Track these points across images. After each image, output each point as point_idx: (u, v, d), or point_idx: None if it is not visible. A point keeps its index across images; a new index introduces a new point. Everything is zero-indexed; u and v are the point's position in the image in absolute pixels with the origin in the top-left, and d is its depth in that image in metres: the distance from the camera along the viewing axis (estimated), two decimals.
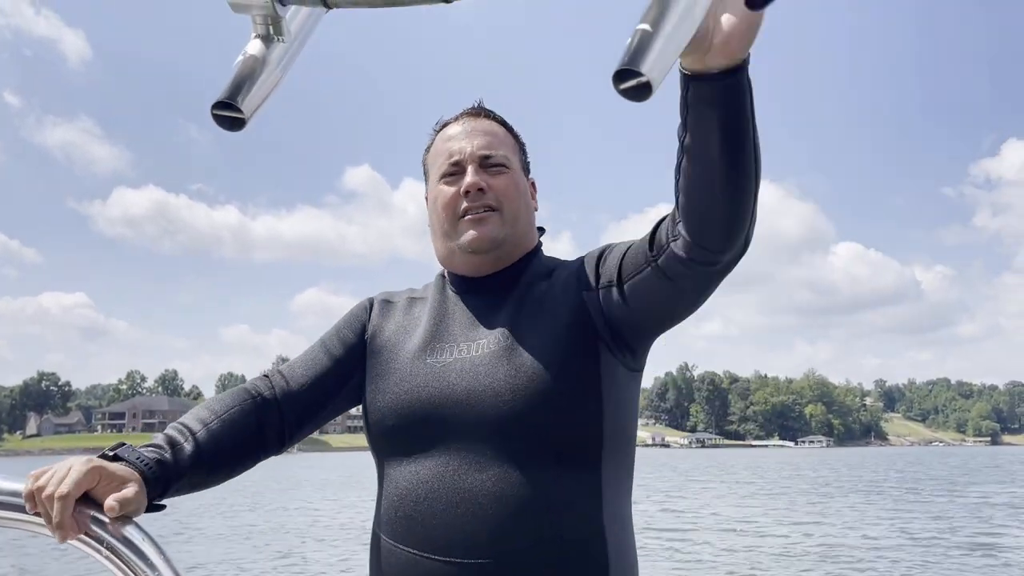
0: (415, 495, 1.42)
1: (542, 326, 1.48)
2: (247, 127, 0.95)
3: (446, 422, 1.44)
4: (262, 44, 0.94)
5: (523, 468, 1.39)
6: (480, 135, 1.58)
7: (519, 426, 1.40)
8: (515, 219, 1.56)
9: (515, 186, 1.57)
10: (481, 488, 1.38)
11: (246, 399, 1.52)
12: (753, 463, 75.30)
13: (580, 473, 1.42)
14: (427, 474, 1.43)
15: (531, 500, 1.38)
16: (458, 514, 1.38)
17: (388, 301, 1.69)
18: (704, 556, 14.82)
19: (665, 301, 1.40)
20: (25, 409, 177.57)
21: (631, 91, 0.73)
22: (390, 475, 1.49)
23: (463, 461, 1.41)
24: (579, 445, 1.43)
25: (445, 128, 1.64)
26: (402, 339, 1.58)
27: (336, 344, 1.63)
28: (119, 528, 1.17)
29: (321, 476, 51.81)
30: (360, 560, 14.59)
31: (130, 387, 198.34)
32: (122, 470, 1.27)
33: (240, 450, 1.48)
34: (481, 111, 1.64)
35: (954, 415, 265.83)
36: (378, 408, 1.52)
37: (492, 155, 1.56)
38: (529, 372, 1.42)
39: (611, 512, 1.44)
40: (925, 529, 19.02)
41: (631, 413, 1.52)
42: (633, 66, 0.71)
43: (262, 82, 0.93)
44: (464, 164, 1.55)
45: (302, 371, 1.59)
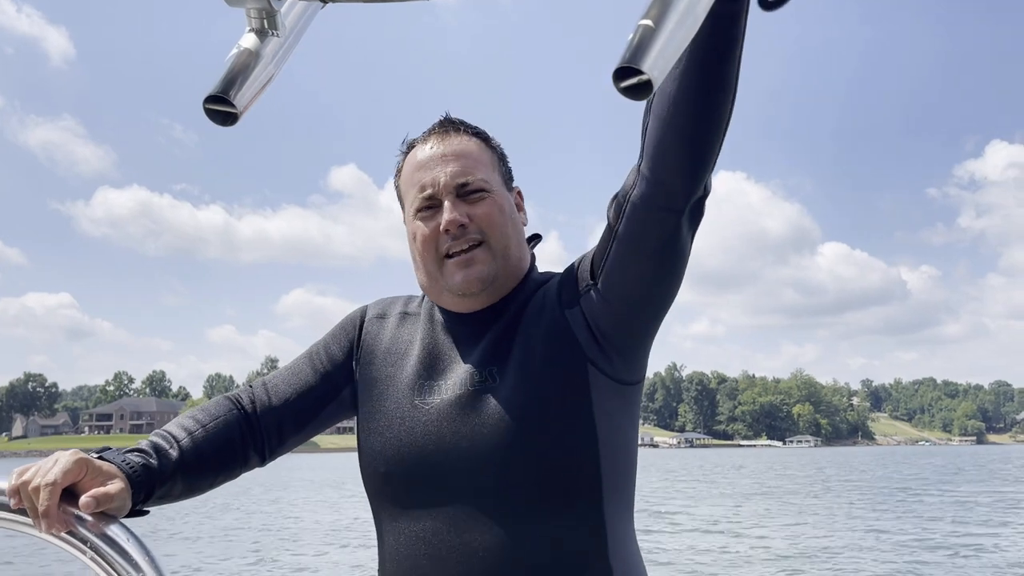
0: (415, 552, 1.39)
1: (526, 357, 1.42)
2: (239, 122, 0.93)
3: (436, 472, 1.40)
4: (256, 38, 0.93)
5: (519, 517, 1.35)
6: (452, 160, 1.47)
7: (509, 471, 1.36)
8: (505, 248, 1.47)
9: (499, 211, 1.47)
10: (479, 544, 1.35)
11: (231, 409, 1.50)
12: (743, 463, 75.58)
13: (580, 512, 1.38)
14: (424, 530, 1.39)
15: (530, 551, 1.34)
16: (459, 571, 1.35)
17: (381, 316, 1.62)
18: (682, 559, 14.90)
19: (637, 274, 1.35)
20: (11, 410, 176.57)
21: (631, 89, 0.72)
22: (389, 527, 1.45)
23: (458, 514, 1.37)
24: (576, 483, 1.37)
25: (413, 151, 1.53)
26: (393, 368, 1.53)
27: (323, 359, 1.58)
28: (104, 528, 1.16)
29: (309, 476, 51.73)
30: (337, 559, 14.67)
31: (117, 388, 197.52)
32: (108, 466, 1.25)
33: (223, 462, 1.45)
34: (449, 126, 1.52)
35: (940, 414, 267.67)
36: (369, 452, 1.49)
37: (469, 181, 1.46)
38: (513, 412, 1.38)
39: (616, 548, 1.40)
40: (903, 530, 19.09)
41: (630, 432, 1.45)
42: (634, 64, 0.70)
43: (255, 77, 0.92)
44: (439, 197, 1.46)
45: (285, 386, 1.55)
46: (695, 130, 1.20)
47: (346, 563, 14.59)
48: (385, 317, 1.61)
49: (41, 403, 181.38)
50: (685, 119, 1.19)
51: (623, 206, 1.32)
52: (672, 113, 1.19)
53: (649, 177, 1.26)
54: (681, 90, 1.17)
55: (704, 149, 1.22)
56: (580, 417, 1.38)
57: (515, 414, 1.37)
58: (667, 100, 1.19)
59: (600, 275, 1.39)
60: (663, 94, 1.20)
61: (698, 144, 1.22)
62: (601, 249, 1.39)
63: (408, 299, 1.65)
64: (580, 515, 1.37)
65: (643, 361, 1.47)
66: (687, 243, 1.34)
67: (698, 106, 1.18)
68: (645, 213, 1.29)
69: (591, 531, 1.37)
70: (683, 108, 1.18)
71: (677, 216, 1.28)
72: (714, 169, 1.27)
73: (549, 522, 1.35)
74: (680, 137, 1.21)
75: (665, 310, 1.42)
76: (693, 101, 1.18)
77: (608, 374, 1.41)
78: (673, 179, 1.25)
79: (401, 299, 1.66)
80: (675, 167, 1.24)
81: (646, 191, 1.27)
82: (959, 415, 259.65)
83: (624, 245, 1.33)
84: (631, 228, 1.32)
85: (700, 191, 1.28)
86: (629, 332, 1.41)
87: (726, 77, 1.16)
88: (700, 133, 1.20)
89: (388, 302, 1.66)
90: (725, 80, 1.17)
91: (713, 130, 1.21)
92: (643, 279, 1.36)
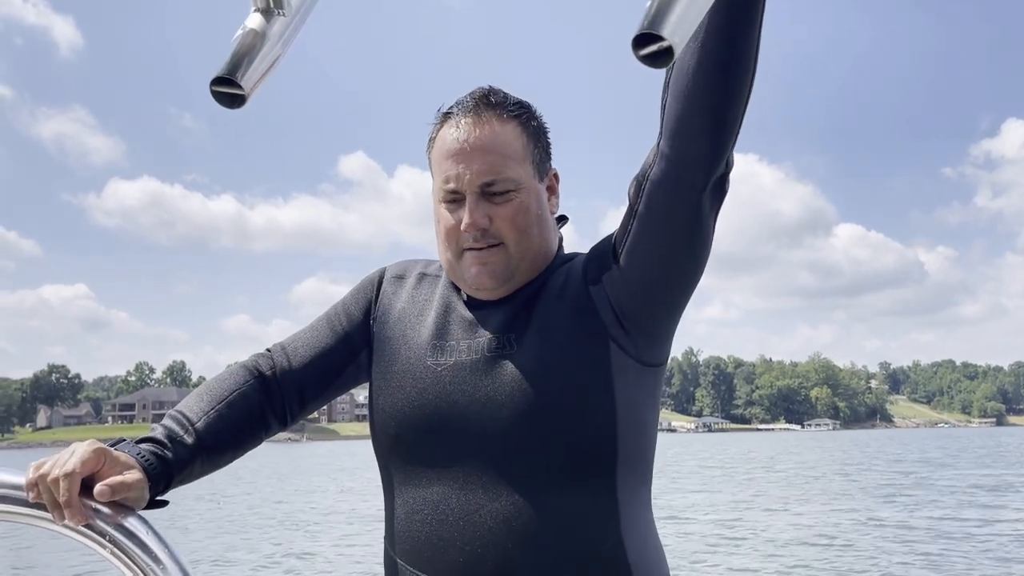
0: (422, 515, 1.37)
1: (547, 328, 1.39)
2: (247, 105, 0.91)
3: (448, 435, 1.38)
4: (262, 18, 0.91)
5: (531, 485, 1.33)
6: (480, 155, 1.39)
7: (522, 439, 1.33)
8: (525, 249, 1.43)
9: (524, 212, 1.42)
10: (488, 510, 1.32)
11: (247, 379, 1.47)
12: (758, 447, 75.69)
13: (594, 485, 1.35)
14: (433, 493, 1.37)
15: (541, 521, 1.32)
16: (466, 538, 1.32)
17: (400, 277, 1.59)
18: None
19: (658, 254, 1.32)
20: (35, 401, 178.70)
21: (651, 57, 0.69)
22: (397, 489, 1.43)
23: (468, 478, 1.35)
24: (591, 455, 1.34)
25: (445, 127, 1.45)
26: (408, 329, 1.50)
27: (342, 320, 1.55)
28: (123, 520, 1.15)
29: (335, 464, 52.22)
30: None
31: (139, 379, 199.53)
32: (126, 457, 1.24)
33: (242, 434, 1.43)
34: (485, 108, 1.42)
35: (959, 396, 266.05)
36: (381, 412, 1.46)
37: (495, 181, 1.39)
38: (531, 379, 1.35)
39: (630, 524, 1.37)
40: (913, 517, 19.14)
41: (649, 412, 1.42)
42: (654, 29, 0.66)
43: (262, 57, 0.90)
44: (462, 192, 1.40)
45: (305, 349, 1.53)
46: (716, 103, 1.17)
47: (361, 546, 14.82)
48: (403, 278, 1.58)
49: (65, 394, 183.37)
50: (705, 92, 1.16)
51: (643, 184, 1.29)
52: (691, 86, 1.16)
53: (669, 154, 1.23)
54: (701, 62, 1.14)
55: (725, 122, 1.19)
56: (599, 392, 1.35)
57: (532, 382, 1.35)
58: (686, 73, 1.16)
59: (621, 255, 1.36)
60: (682, 67, 1.16)
61: (719, 117, 1.18)
62: (622, 229, 1.36)
63: (428, 262, 1.61)
64: (593, 490, 1.34)
65: (666, 344, 1.43)
66: (710, 221, 1.30)
67: (719, 78, 1.14)
68: (665, 191, 1.26)
69: (604, 507, 1.35)
70: (703, 80, 1.15)
71: (699, 193, 1.25)
72: (735, 143, 1.23)
73: (560, 494, 1.33)
74: (700, 111, 1.17)
75: (689, 292, 1.38)
76: (713, 72, 1.14)
77: (630, 354, 1.38)
78: (694, 155, 1.21)
79: (421, 261, 1.62)
80: (695, 142, 1.20)
81: (666, 168, 1.24)
82: (978, 397, 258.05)
83: (645, 224, 1.31)
84: (652, 207, 1.29)
85: (722, 167, 1.24)
86: (651, 313, 1.38)
87: (747, 47, 1.13)
88: (721, 106, 1.17)
89: (408, 264, 1.62)
90: (746, 50, 1.13)
91: (734, 103, 1.17)
92: (664, 259, 1.32)
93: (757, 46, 1.15)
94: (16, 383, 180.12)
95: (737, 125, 1.21)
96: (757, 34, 1.13)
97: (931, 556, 13.01)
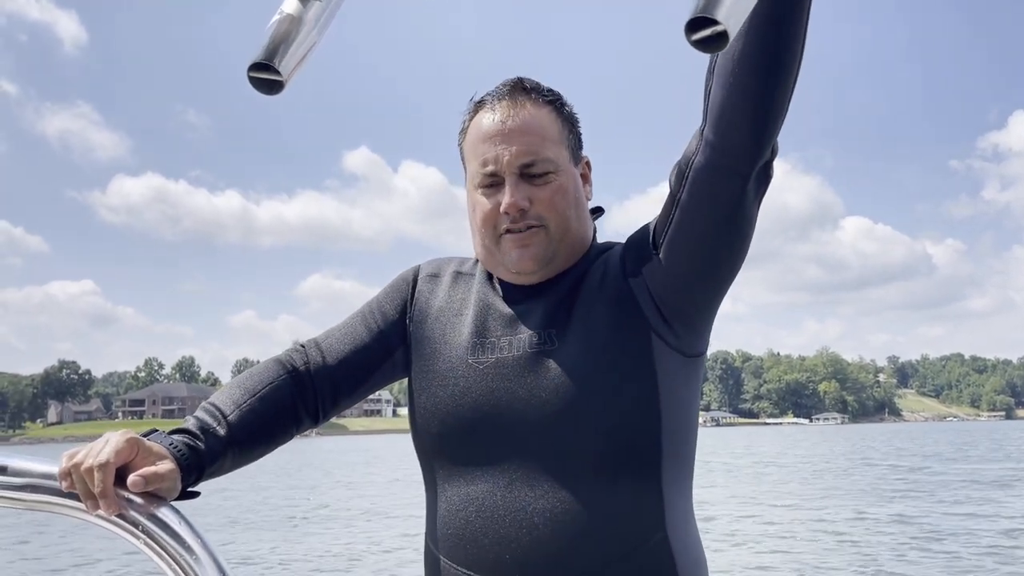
0: (466, 513, 1.36)
1: (588, 322, 1.38)
2: (284, 91, 0.90)
3: (492, 432, 1.37)
4: (299, 3, 0.90)
5: (576, 480, 1.32)
6: (519, 136, 1.40)
7: (567, 435, 1.33)
8: (565, 231, 1.43)
9: (563, 194, 1.42)
10: (533, 506, 1.32)
11: (280, 374, 1.46)
12: (766, 441, 75.68)
13: (639, 480, 1.34)
14: (477, 490, 1.36)
15: (587, 517, 1.31)
16: (511, 534, 1.32)
17: (434, 275, 1.58)
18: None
19: (700, 243, 1.30)
20: (46, 397, 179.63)
21: (704, 42, 0.68)
22: (440, 487, 1.43)
23: (513, 475, 1.35)
24: (636, 450, 1.34)
25: (480, 114, 1.45)
26: (447, 327, 1.49)
27: (377, 318, 1.55)
28: (156, 510, 1.15)
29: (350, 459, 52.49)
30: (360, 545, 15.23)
31: (148, 374, 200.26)
32: (158, 448, 1.24)
33: (274, 428, 1.43)
34: (520, 93, 1.45)
35: (968, 390, 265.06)
36: (423, 411, 1.45)
37: (534, 161, 1.40)
38: (574, 375, 1.34)
39: (674, 518, 1.36)
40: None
41: (692, 404, 1.42)
42: (708, 13, 0.65)
43: (299, 43, 0.89)
44: (501, 174, 1.40)
45: (340, 345, 1.52)
46: (763, 89, 1.15)
47: (393, 537, 14.93)
48: (438, 276, 1.58)
49: (75, 390, 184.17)
50: (752, 77, 1.14)
51: (685, 172, 1.27)
52: (738, 72, 1.14)
53: (713, 141, 1.22)
54: (749, 47, 1.12)
55: (772, 108, 1.17)
56: (642, 385, 1.35)
57: (575, 378, 1.34)
58: (733, 59, 1.15)
59: (663, 244, 1.34)
60: (729, 53, 1.15)
61: (766, 105, 1.16)
62: (664, 217, 1.34)
63: (462, 260, 1.61)
64: (638, 485, 1.34)
65: (707, 333, 1.43)
66: (754, 210, 1.29)
67: (767, 65, 1.13)
68: (709, 178, 1.24)
69: (649, 502, 1.34)
70: (751, 67, 1.13)
71: (743, 181, 1.23)
72: (780, 129, 1.22)
73: (605, 489, 1.32)
74: (747, 97, 1.16)
75: (730, 280, 1.37)
76: (762, 59, 1.12)
77: (671, 345, 1.38)
78: (739, 141, 1.20)
79: (455, 259, 1.62)
80: (741, 129, 1.18)
81: (711, 155, 1.23)
82: (987, 390, 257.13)
83: (687, 213, 1.29)
84: (695, 195, 1.27)
85: (767, 154, 1.23)
86: (692, 302, 1.37)
87: (796, 34, 1.12)
88: (768, 93, 1.15)
89: (442, 262, 1.62)
90: (795, 37, 1.12)
91: (781, 90, 1.16)
92: (707, 248, 1.31)
93: (805, 34, 1.13)
94: (26, 379, 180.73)
95: (783, 113, 1.19)
96: (805, 21, 1.12)
97: (939, 555, 13.08)
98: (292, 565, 12.98)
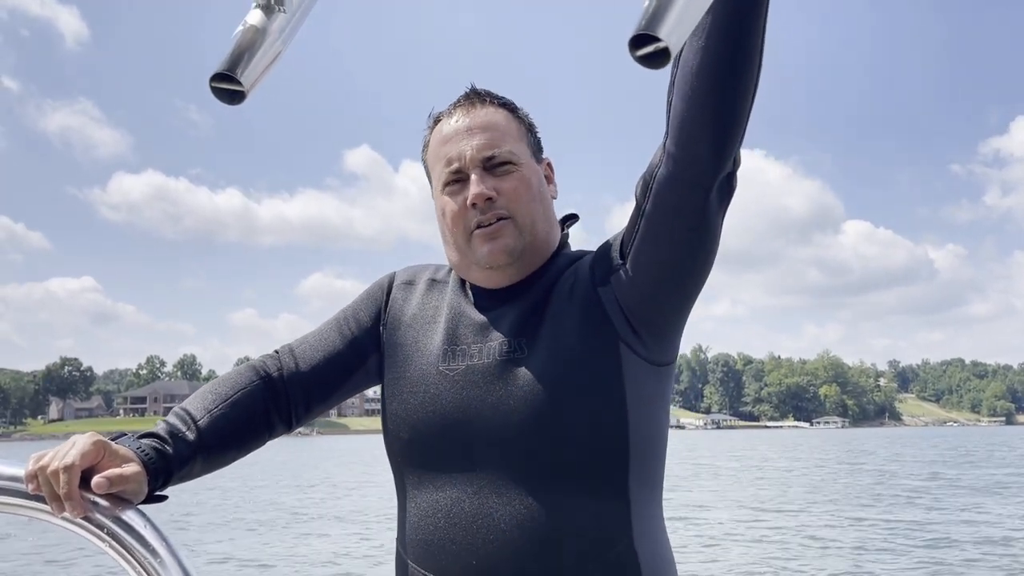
0: (435, 519, 1.38)
1: (557, 331, 1.40)
2: (246, 101, 0.91)
3: (460, 439, 1.38)
4: (263, 14, 0.90)
5: (543, 489, 1.33)
6: (479, 133, 1.44)
7: (534, 443, 1.34)
8: (532, 223, 1.45)
9: (527, 186, 1.45)
10: (501, 513, 1.33)
11: (254, 380, 1.47)
12: (766, 445, 75.75)
13: (606, 488, 1.35)
14: (445, 497, 1.38)
15: (554, 524, 1.32)
16: (477, 540, 1.33)
17: (409, 283, 1.59)
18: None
19: (665, 253, 1.32)
20: (47, 394, 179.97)
21: (647, 58, 0.69)
22: (410, 493, 1.44)
23: (480, 483, 1.36)
24: (603, 459, 1.35)
25: (439, 124, 1.50)
26: (420, 335, 1.50)
27: (352, 325, 1.56)
28: (121, 513, 1.15)
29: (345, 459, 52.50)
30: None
31: (150, 372, 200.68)
32: (125, 451, 1.24)
33: (245, 434, 1.44)
34: (475, 97, 1.49)
35: (968, 395, 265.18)
36: (394, 417, 1.47)
37: (496, 154, 1.43)
38: (543, 383, 1.36)
39: (642, 528, 1.37)
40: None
41: (660, 413, 1.43)
42: (650, 31, 0.66)
43: (263, 54, 0.89)
44: (466, 171, 1.43)
45: (313, 352, 1.53)
46: (721, 103, 1.17)
47: (370, 544, 14.81)
48: (413, 284, 1.59)
49: (77, 387, 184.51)
50: (710, 92, 1.16)
51: (649, 184, 1.30)
52: (696, 85, 1.16)
53: (675, 152, 1.24)
54: (704, 61, 1.14)
55: (730, 120, 1.19)
56: (610, 395, 1.36)
57: (544, 387, 1.35)
58: (691, 72, 1.17)
59: (629, 255, 1.36)
60: (686, 67, 1.17)
61: (725, 117, 1.18)
62: (630, 228, 1.37)
63: (437, 267, 1.62)
64: (605, 494, 1.35)
65: (675, 342, 1.44)
66: (717, 220, 1.31)
67: (723, 78, 1.15)
68: (672, 190, 1.27)
69: (616, 511, 1.35)
70: (707, 81, 1.15)
71: (706, 192, 1.25)
72: (742, 141, 1.23)
73: (573, 497, 1.34)
74: (705, 111, 1.18)
75: (696, 291, 1.39)
76: (717, 73, 1.15)
77: (640, 354, 1.39)
78: (700, 154, 1.22)
79: (430, 267, 1.63)
80: (701, 142, 1.20)
81: (673, 168, 1.25)
82: (988, 396, 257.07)
83: (652, 224, 1.31)
84: (658, 206, 1.29)
85: (729, 165, 1.25)
86: (659, 312, 1.38)
87: (751, 47, 1.13)
88: (726, 106, 1.17)
89: (417, 269, 1.63)
90: (750, 50, 1.13)
91: (739, 103, 1.18)
92: (672, 258, 1.33)
93: (762, 46, 1.15)
94: (28, 375, 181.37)
95: (743, 124, 1.21)
96: (761, 33, 1.13)
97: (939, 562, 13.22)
98: (261, 567, 12.75)
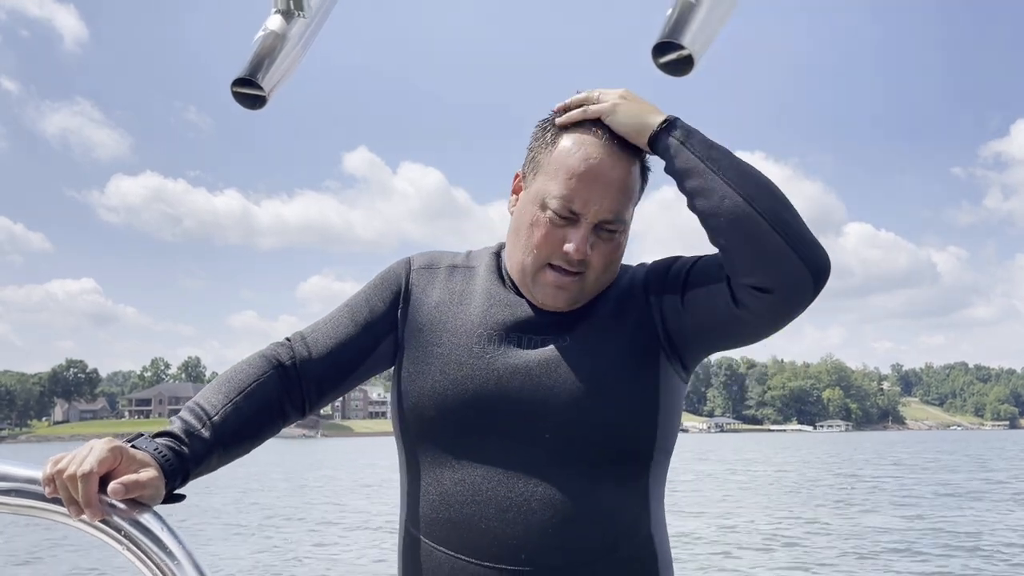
0: (460, 497, 1.38)
1: (603, 324, 1.44)
2: (267, 106, 0.91)
3: (497, 422, 1.39)
4: (283, 20, 0.91)
5: (576, 475, 1.36)
6: (615, 194, 1.41)
7: (576, 433, 1.37)
8: (605, 280, 1.47)
9: (616, 250, 1.46)
10: (532, 495, 1.35)
11: (266, 370, 1.47)
12: (771, 448, 75.72)
13: (631, 481, 1.40)
14: (474, 478, 1.38)
15: (582, 511, 1.35)
16: (507, 520, 1.34)
17: (429, 267, 1.58)
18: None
19: (722, 321, 1.39)
20: (52, 396, 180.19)
21: (671, 65, 0.70)
22: (428, 472, 1.43)
23: (514, 465, 1.37)
24: (633, 453, 1.40)
25: (579, 137, 1.44)
26: (448, 315, 1.50)
27: (364, 311, 1.54)
28: (138, 516, 1.16)
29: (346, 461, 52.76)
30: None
31: (154, 374, 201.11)
32: (142, 454, 1.24)
33: (260, 425, 1.44)
34: (617, 142, 1.43)
35: (972, 399, 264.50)
36: (418, 394, 1.45)
37: (614, 220, 1.42)
38: (592, 378, 1.38)
39: (656, 519, 1.44)
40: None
41: (678, 421, 1.50)
42: (674, 38, 0.68)
43: (283, 59, 0.91)
44: (580, 218, 1.41)
45: (325, 339, 1.52)
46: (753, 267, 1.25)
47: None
48: (433, 268, 1.58)
49: (82, 389, 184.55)
50: (742, 261, 1.26)
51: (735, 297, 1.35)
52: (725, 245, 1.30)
53: (742, 314, 1.36)
54: (707, 224, 1.26)
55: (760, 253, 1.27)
56: (647, 390, 1.41)
57: (586, 376, 1.38)
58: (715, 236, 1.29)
59: (687, 296, 1.41)
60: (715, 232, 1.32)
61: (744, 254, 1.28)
62: (704, 273, 1.40)
63: (454, 254, 1.62)
64: (630, 485, 1.40)
65: (696, 365, 1.53)
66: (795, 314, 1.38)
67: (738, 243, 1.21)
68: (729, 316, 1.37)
69: (639, 500, 1.41)
70: (732, 251, 1.27)
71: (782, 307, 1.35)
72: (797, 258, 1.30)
73: (602, 486, 1.37)
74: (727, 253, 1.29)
75: (736, 347, 1.48)
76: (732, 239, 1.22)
77: (672, 364, 1.45)
78: (762, 311, 1.34)
79: (447, 253, 1.62)
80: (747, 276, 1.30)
81: (742, 316, 1.36)
82: (991, 399, 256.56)
83: (727, 300, 1.36)
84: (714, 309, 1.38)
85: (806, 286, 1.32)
86: (697, 348, 1.46)
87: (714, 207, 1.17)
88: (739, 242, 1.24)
89: (434, 255, 1.62)
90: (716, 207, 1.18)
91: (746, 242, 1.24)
92: (729, 327, 1.40)
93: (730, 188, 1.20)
94: (33, 377, 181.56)
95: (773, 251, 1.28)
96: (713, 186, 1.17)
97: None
98: (274, 569, 12.76)
